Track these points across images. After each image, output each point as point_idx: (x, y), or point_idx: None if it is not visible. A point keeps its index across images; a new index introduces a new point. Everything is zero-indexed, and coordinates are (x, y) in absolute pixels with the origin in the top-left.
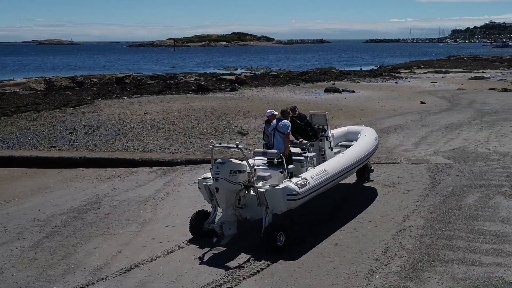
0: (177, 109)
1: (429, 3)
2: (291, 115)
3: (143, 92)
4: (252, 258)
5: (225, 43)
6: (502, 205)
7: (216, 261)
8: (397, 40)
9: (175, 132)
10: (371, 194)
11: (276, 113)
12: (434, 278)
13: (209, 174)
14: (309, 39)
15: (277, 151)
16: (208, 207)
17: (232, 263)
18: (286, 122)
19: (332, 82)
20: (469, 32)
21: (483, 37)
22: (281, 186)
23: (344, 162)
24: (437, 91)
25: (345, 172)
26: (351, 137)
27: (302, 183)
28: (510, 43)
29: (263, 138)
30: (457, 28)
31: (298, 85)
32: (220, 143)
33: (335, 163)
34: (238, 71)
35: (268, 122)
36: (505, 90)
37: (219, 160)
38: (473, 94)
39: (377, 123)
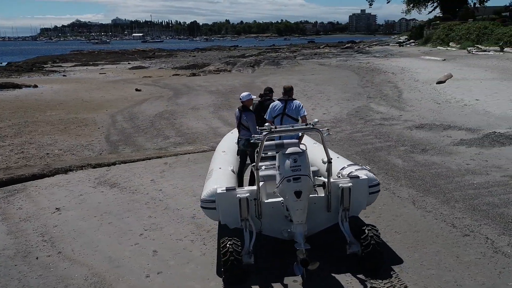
0: None
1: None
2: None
3: None
4: (366, 281)
5: None
6: (437, 162)
7: None
8: None
9: None
10: None
11: (254, 96)
12: None
13: (219, 183)
14: None
15: (296, 140)
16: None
17: None
18: (299, 102)
19: None
20: (60, 30)
21: (75, 34)
22: (362, 176)
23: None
24: (132, 80)
25: None
26: None
27: (370, 169)
28: (108, 40)
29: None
30: (45, 27)
31: None
32: (276, 127)
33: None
34: None
35: (245, 109)
36: (193, 74)
37: (293, 149)
38: (177, 80)
39: (141, 111)
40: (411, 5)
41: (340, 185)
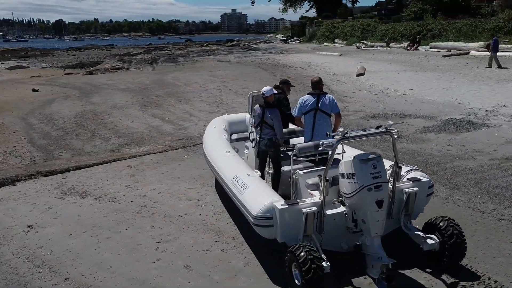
0: None
1: None
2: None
3: None
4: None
5: None
6: (416, 149)
7: None
8: None
9: None
10: None
11: (276, 91)
12: None
13: (265, 196)
14: None
15: (334, 139)
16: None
17: None
18: (332, 97)
19: None
20: None
21: None
22: (423, 178)
23: None
24: (21, 80)
25: None
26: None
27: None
28: None
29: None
30: None
31: None
32: (347, 132)
33: None
34: None
35: (267, 105)
36: (90, 73)
37: (371, 154)
38: (74, 79)
39: (56, 113)
40: (287, 4)
41: (406, 190)
